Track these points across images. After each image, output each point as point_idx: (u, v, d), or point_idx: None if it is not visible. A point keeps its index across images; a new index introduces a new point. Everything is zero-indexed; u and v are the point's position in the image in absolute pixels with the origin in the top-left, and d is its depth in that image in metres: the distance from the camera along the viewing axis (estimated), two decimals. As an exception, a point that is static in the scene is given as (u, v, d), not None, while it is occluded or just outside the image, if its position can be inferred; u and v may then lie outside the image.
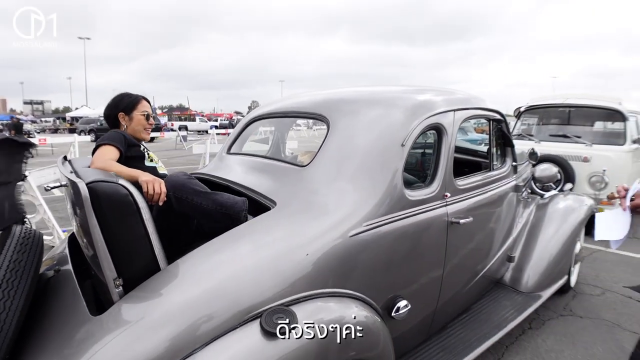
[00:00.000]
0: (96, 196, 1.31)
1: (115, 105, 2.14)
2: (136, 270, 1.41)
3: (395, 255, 1.77)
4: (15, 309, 1.42)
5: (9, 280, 1.46)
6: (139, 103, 2.16)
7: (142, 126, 2.15)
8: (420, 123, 1.92)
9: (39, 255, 1.61)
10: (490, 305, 2.69)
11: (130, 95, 2.18)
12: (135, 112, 2.14)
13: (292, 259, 1.46)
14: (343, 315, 1.48)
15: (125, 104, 2.14)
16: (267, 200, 1.76)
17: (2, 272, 1.46)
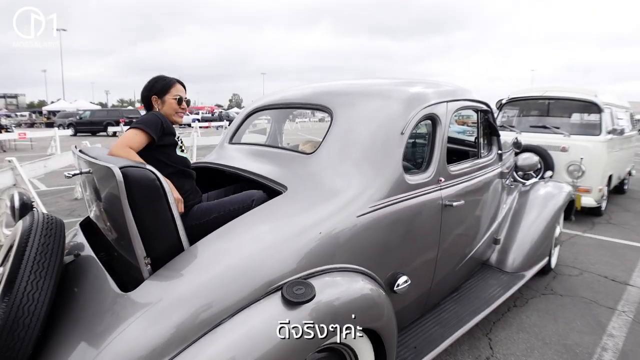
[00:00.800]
0: (127, 180, 1.41)
1: (149, 88, 2.13)
2: (162, 250, 1.52)
3: (396, 234, 1.92)
4: (47, 288, 1.52)
5: (39, 262, 1.55)
6: (172, 86, 2.12)
7: (174, 110, 2.11)
8: (417, 113, 2.07)
9: (62, 239, 1.70)
10: (479, 284, 2.89)
11: (164, 79, 2.15)
12: (167, 95, 2.11)
13: (306, 237, 1.60)
14: (352, 287, 1.62)
15: (159, 87, 2.11)
16: (278, 185, 1.89)
17: (32, 254, 1.55)
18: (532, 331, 2.85)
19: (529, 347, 2.65)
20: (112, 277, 1.78)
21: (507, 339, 2.75)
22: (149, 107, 2.14)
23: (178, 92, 2.12)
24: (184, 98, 2.16)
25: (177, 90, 2.13)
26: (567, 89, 6.17)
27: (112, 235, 1.73)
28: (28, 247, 1.58)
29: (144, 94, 2.15)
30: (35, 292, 1.48)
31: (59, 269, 1.59)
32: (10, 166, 4.66)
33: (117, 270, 1.78)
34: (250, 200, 1.96)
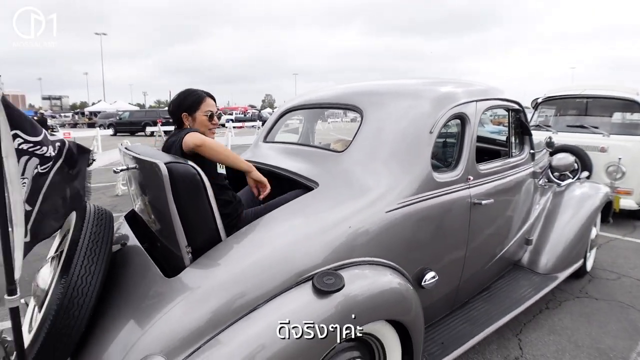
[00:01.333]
0: (171, 175, 1.53)
1: (179, 105, 2.06)
2: (202, 240, 1.64)
3: (424, 230, 1.97)
4: (99, 272, 1.66)
5: (91, 249, 1.70)
6: (202, 102, 2.05)
7: (205, 127, 2.04)
8: (446, 112, 2.10)
9: (111, 228, 1.84)
10: (510, 284, 2.87)
11: (194, 93, 2.07)
12: (198, 112, 2.04)
13: (336, 231, 1.68)
14: (379, 280, 1.69)
15: (189, 103, 2.04)
16: (309, 182, 1.97)
17: (85, 242, 1.71)
18: (564, 334, 2.81)
19: (560, 349, 2.62)
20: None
21: (538, 340, 2.72)
22: (179, 124, 2.08)
23: (209, 107, 2.06)
24: (215, 112, 2.10)
25: (207, 105, 2.06)
26: (606, 87, 5.96)
27: (156, 227, 1.87)
28: (82, 235, 1.73)
29: (173, 110, 2.08)
30: (88, 275, 1.63)
31: (108, 255, 1.74)
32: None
33: (159, 259, 1.92)
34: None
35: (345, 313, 1.50)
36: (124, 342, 1.47)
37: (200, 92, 2.09)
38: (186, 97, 2.06)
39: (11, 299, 1.32)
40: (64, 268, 1.65)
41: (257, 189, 1.99)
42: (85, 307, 1.59)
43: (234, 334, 1.40)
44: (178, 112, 2.05)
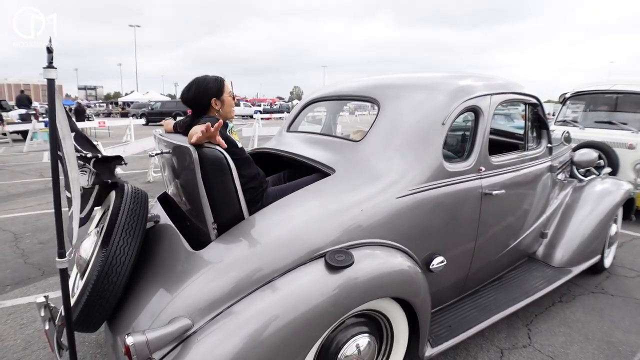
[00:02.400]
0: (200, 158, 1.70)
1: (205, 93, 2.14)
2: (227, 218, 1.80)
3: (433, 217, 2.08)
4: (135, 244, 1.86)
5: (129, 223, 1.90)
6: (224, 85, 2.20)
7: (231, 106, 2.22)
8: (460, 105, 2.19)
9: (146, 206, 2.04)
10: (522, 275, 2.94)
11: (214, 80, 2.18)
12: (225, 94, 2.17)
13: (350, 213, 1.81)
14: (389, 261, 1.82)
15: (215, 89, 2.15)
16: (327, 168, 2.11)
17: (124, 217, 1.90)
18: (575, 326, 2.85)
19: (568, 341, 2.68)
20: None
21: (548, 331, 2.78)
22: (203, 111, 2.17)
23: (229, 88, 2.22)
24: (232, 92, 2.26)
25: (227, 87, 2.21)
26: (637, 82, 5.81)
27: (186, 207, 2.05)
28: (121, 210, 1.93)
29: (197, 98, 2.15)
30: (125, 246, 1.83)
31: (143, 230, 1.93)
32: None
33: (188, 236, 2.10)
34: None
35: (354, 288, 1.64)
36: (155, 306, 1.66)
37: (215, 77, 2.20)
38: (209, 84, 2.15)
39: (61, 261, 1.52)
40: (104, 240, 1.84)
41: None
42: (123, 274, 1.79)
43: (251, 303, 1.56)
44: (206, 98, 2.14)
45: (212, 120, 2.06)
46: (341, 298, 1.60)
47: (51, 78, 1.40)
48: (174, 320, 1.51)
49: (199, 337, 1.48)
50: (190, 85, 2.18)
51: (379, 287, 1.73)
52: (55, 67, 1.39)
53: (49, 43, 1.37)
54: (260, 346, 1.48)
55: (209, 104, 2.15)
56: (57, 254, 1.53)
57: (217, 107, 2.17)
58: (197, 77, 2.21)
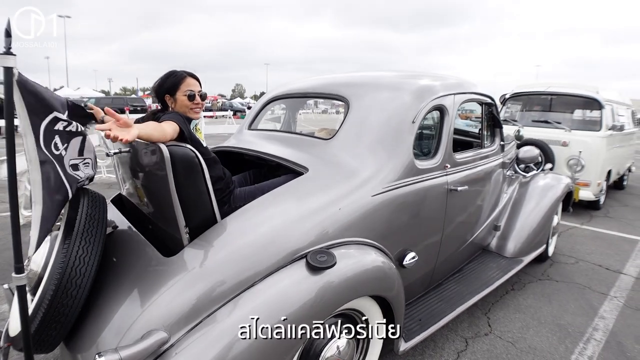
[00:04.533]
0: (172, 158, 1.59)
1: (160, 87, 2.05)
2: (199, 221, 1.71)
3: (406, 214, 2.11)
4: (96, 254, 1.71)
5: (88, 230, 1.74)
6: (181, 82, 2.03)
7: (186, 107, 2.02)
8: (428, 104, 2.24)
9: (105, 211, 1.88)
10: (479, 267, 3.08)
11: (174, 75, 2.04)
12: (178, 92, 2.01)
13: (328, 211, 1.79)
14: (365, 259, 1.81)
15: (169, 85, 2.02)
16: (300, 167, 2.07)
17: (82, 223, 1.74)
18: (528, 312, 3.04)
19: (524, 326, 2.84)
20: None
21: (505, 318, 2.94)
22: (164, 106, 2.08)
23: (189, 87, 2.03)
24: (198, 92, 2.06)
25: (187, 85, 2.03)
26: (569, 85, 6.31)
27: (148, 209, 1.92)
28: (78, 216, 1.76)
29: (156, 92, 2.07)
30: (85, 256, 1.67)
31: (103, 237, 1.78)
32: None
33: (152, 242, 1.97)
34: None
35: (337, 288, 1.62)
36: (122, 320, 1.53)
37: (180, 73, 2.06)
38: (167, 78, 2.04)
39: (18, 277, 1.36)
40: (61, 250, 1.68)
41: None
42: (84, 287, 1.63)
43: (232, 310, 1.49)
44: (160, 94, 2.05)
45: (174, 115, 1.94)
46: (325, 299, 1.57)
47: (9, 66, 1.22)
48: (148, 334, 1.40)
49: (176, 351, 1.39)
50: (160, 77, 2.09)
51: (361, 286, 1.73)
52: (14, 54, 1.22)
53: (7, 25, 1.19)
54: (243, 355, 1.41)
55: (164, 99, 2.06)
56: (13, 268, 1.36)
57: (170, 103, 2.05)
58: (170, 70, 2.10)
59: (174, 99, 2.04)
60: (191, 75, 2.08)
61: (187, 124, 1.95)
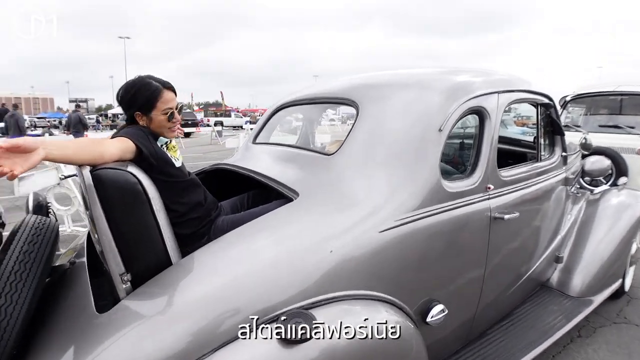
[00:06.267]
0: (101, 184, 1.21)
1: (130, 103, 1.64)
2: (146, 264, 1.31)
3: (430, 253, 1.59)
4: (23, 302, 1.35)
5: (17, 272, 1.39)
6: (158, 99, 1.61)
7: (164, 128, 1.65)
8: (460, 106, 1.72)
9: (51, 246, 1.53)
10: (535, 310, 2.45)
11: (147, 88, 1.62)
12: (154, 111, 1.62)
13: (314, 255, 1.31)
14: (371, 320, 1.31)
15: (142, 101, 1.62)
16: (289, 191, 1.62)
17: (10, 264, 1.40)
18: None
19: (597, 390, 2.20)
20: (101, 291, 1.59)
21: (570, 377, 2.31)
22: (132, 121, 1.69)
23: (167, 103, 1.63)
24: (176, 107, 1.66)
25: (165, 102, 1.62)
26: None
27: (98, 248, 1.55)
28: (8, 254, 1.43)
29: (123, 107, 1.68)
30: (8, 305, 1.33)
31: (40, 281, 1.42)
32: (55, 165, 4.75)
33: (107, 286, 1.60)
34: None
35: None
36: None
37: (154, 85, 1.62)
38: (138, 93, 1.62)
39: None
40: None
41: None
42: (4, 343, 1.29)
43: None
44: (130, 111, 1.65)
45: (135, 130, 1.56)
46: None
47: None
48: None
49: None
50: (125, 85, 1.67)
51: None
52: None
53: None
54: None
55: (133, 117, 1.66)
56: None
57: (142, 122, 1.65)
58: (139, 76, 1.69)
59: (149, 118, 1.64)
60: (168, 87, 1.66)
61: (149, 140, 1.57)
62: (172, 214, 1.58)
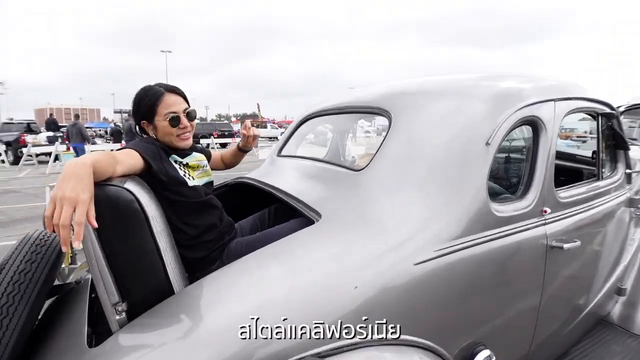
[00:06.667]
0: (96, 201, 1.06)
1: (135, 113, 1.56)
2: (144, 293, 1.14)
3: (475, 289, 1.34)
4: (14, 328, 1.23)
5: (9, 294, 1.27)
6: (158, 103, 1.50)
7: (170, 135, 1.51)
8: (510, 116, 1.47)
9: (51, 265, 1.40)
10: (595, 350, 2.12)
11: (148, 94, 1.52)
12: (156, 117, 1.50)
13: (334, 291, 1.10)
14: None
15: (144, 108, 1.52)
16: (310, 212, 1.42)
17: (3, 285, 1.28)
18: None
19: None
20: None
21: None
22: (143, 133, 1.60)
23: (169, 107, 1.50)
24: (184, 111, 1.53)
25: (166, 105, 1.50)
26: None
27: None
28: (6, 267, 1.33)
29: (134, 119, 1.60)
30: (4, 317, 1.23)
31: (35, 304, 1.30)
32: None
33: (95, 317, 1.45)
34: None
35: None
36: None
37: (155, 89, 1.53)
38: (141, 99, 1.53)
39: None
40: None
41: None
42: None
43: None
44: (138, 121, 1.57)
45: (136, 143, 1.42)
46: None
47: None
48: None
49: None
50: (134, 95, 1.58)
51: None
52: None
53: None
54: None
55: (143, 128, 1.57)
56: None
57: (150, 132, 1.55)
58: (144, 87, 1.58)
59: (153, 125, 1.53)
60: (171, 90, 1.55)
61: (160, 155, 1.43)
62: (182, 236, 1.43)
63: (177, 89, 1.57)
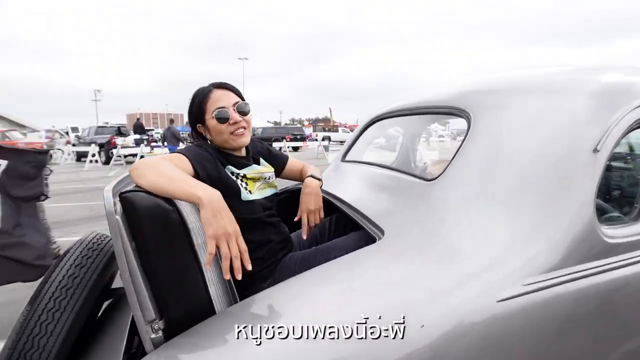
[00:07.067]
0: (132, 210, 0.97)
1: (189, 117, 1.50)
2: (181, 311, 1.03)
3: (579, 334, 1.07)
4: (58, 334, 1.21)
5: (57, 299, 1.25)
6: (206, 102, 1.42)
7: (222, 133, 1.41)
8: (625, 116, 1.17)
9: (101, 269, 1.37)
10: None
11: (198, 94, 1.46)
12: (207, 116, 1.43)
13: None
14: None
15: (195, 110, 1.46)
16: (373, 229, 1.23)
17: (51, 289, 1.26)
18: None
19: None
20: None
21: None
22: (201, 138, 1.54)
23: (216, 103, 1.41)
24: (233, 105, 1.42)
25: (213, 102, 1.42)
26: None
27: None
28: (56, 271, 1.32)
29: (190, 123, 1.53)
30: (49, 322, 1.21)
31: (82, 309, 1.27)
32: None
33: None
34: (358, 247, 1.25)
35: None
36: None
37: (203, 88, 1.46)
38: (192, 103, 1.47)
39: None
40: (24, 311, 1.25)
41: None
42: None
43: None
44: (193, 125, 1.50)
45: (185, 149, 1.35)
46: None
47: None
48: None
49: None
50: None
51: None
52: None
53: None
54: None
55: (199, 132, 1.51)
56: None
57: (206, 135, 1.48)
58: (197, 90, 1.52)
59: (206, 127, 1.46)
60: (219, 85, 1.47)
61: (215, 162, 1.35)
62: None
63: (226, 84, 1.48)
